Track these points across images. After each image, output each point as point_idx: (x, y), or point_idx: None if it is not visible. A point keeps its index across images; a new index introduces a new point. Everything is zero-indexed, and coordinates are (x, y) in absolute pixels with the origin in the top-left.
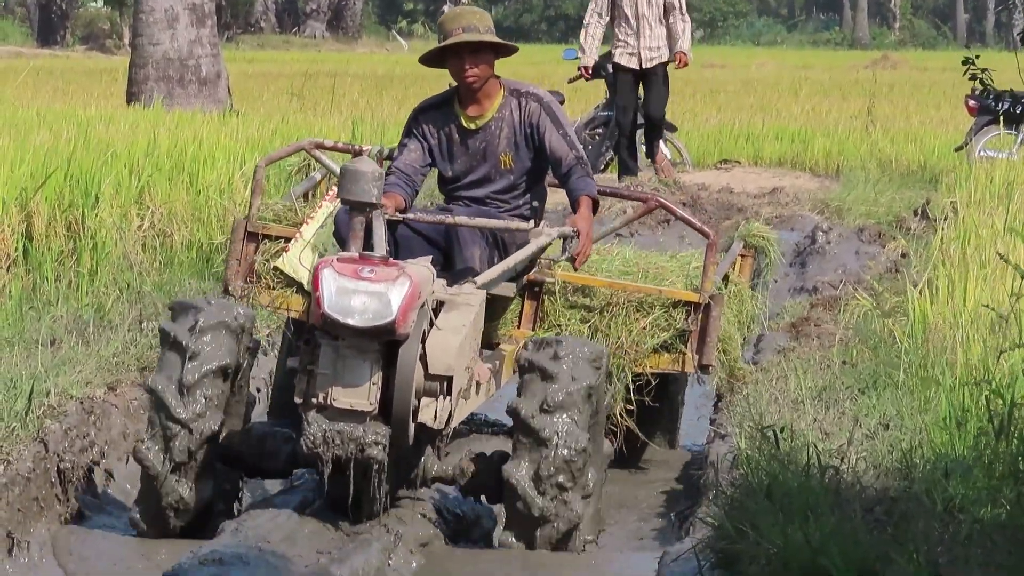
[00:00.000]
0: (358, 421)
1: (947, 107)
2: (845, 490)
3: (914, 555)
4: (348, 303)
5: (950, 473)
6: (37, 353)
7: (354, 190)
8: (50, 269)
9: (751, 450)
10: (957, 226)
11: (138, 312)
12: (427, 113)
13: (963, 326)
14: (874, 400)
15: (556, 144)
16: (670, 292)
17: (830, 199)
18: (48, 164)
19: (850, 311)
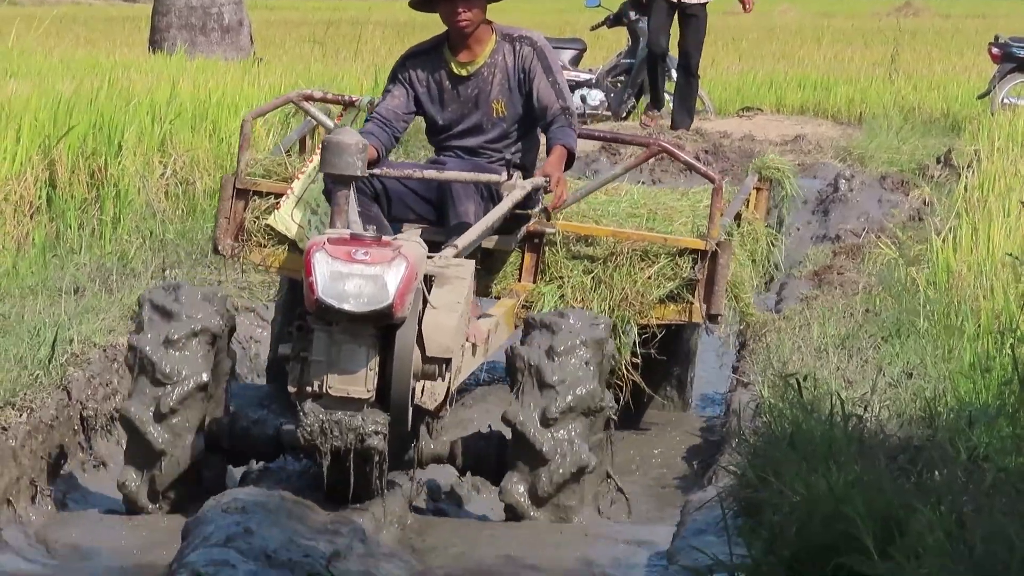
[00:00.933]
0: (356, 409)
1: (970, 54)
2: (868, 439)
3: (938, 504)
4: (343, 288)
5: (974, 422)
6: (60, 301)
7: (337, 163)
8: (73, 217)
9: (774, 398)
10: (980, 174)
11: (161, 260)
12: (416, 59)
13: (987, 274)
14: (897, 348)
15: (544, 91)
16: (675, 240)
17: (852, 147)
18: (71, 112)
19: (873, 259)
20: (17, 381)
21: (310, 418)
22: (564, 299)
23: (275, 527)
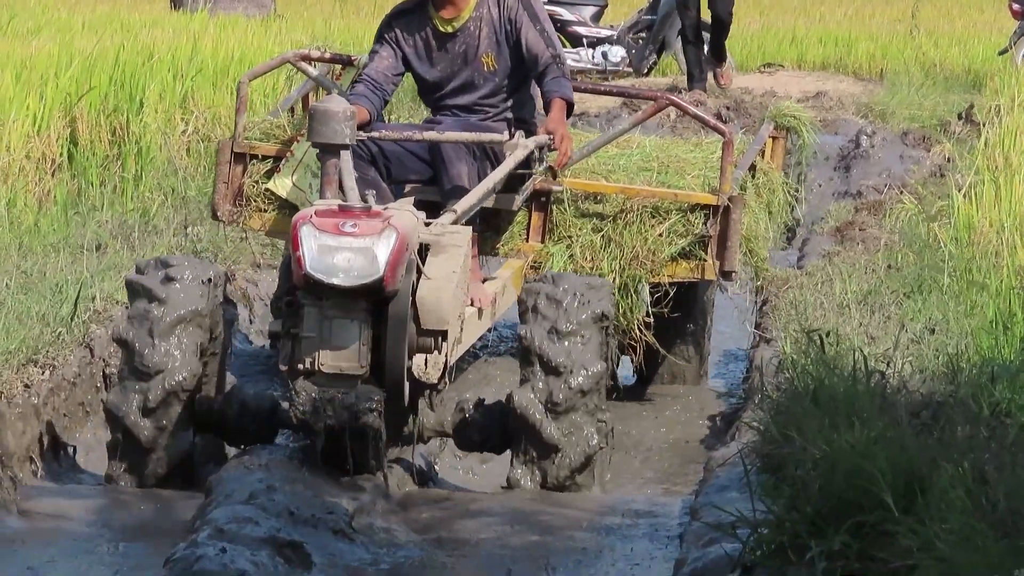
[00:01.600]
0: (349, 386)
1: (991, 10)
2: (891, 395)
3: (960, 461)
4: (331, 261)
5: (996, 378)
6: (83, 258)
7: (324, 132)
8: (95, 174)
9: (796, 355)
10: (1001, 130)
11: (183, 217)
12: (400, 18)
13: (1008, 230)
14: (919, 304)
15: (533, 40)
16: (687, 196)
17: (874, 103)
18: (93, 69)
19: (895, 215)
20: (40, 338)
21: (302, 396)
22: (573, 259)
23: (298, 484)
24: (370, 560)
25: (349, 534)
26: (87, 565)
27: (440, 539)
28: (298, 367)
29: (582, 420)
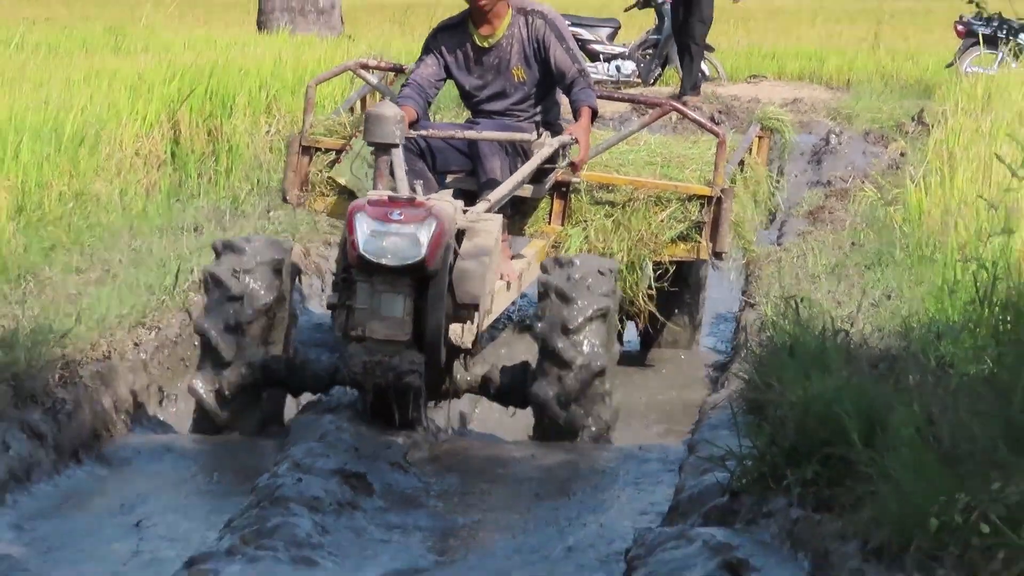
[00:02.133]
0: (395, 351)
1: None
2: (854, 350)
3: (911, 404)
4: (381, 245)
5: (942, 336)
6: (183, 238)
7: (378, 132)
8: (193, 168)
9: (776, 316)
10: (947, 130)
11: (266, 203)
12: (444, 32)
13: (952, 213)
14: (878, 275)
15: (560, 58)
16: (685, 187)
17: (841, 107)
18: (192, 81)
19: (858, 201)
20: (147, 305)
21: (355, 359)
22: (588, 240)
23: (361, 426)
24: (421, 488)
25: (404, 467)
26: (185, 494)
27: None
28: (351, 334)
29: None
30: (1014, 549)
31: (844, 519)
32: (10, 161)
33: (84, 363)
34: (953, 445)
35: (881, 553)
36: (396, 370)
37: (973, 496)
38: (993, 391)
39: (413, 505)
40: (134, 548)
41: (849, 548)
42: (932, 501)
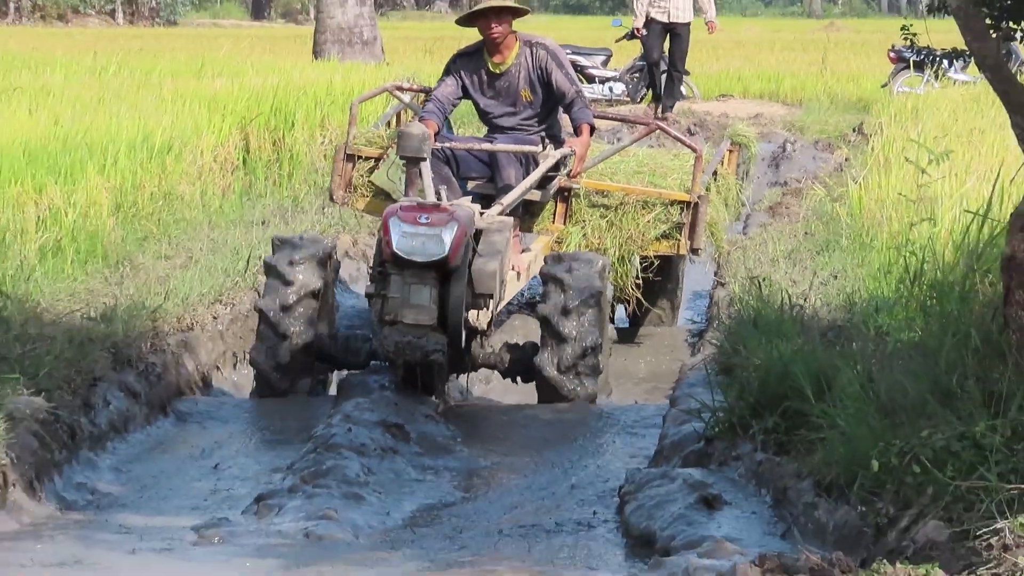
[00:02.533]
0: (422, 333)
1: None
2: (807, 321)
3: (854, 365)
4: (411, 244)
5: (879, 309)
6: (252, 230)
7: (409, 148)
8: (261, 172)
9: (742, 293)
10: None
11: (321, 201)
12: (463, 59)
13: (886, 207)
14: (827, 259)
15: (561, 82)
16: (668, 194)
17: (795, 121)
18: (259, 101)
19: (809, 198)
20: (223, 285)
21: (389, 340)
22: (586, 237)
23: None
24: (450, 436)
25: (436, 419)
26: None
27: (495, 426)
28: (385, 319)
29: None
30: (940, 485)
31: (799, 461)
32: (110, 167)
33: (171, 333)
34: (889, 399)
35: (830, 489)
36: (423, 349)
37: (906, 442)
38: (922, 355)
39: (443, 451)
40: (212, 487)
41: (804, 485)
42: (872, 446)
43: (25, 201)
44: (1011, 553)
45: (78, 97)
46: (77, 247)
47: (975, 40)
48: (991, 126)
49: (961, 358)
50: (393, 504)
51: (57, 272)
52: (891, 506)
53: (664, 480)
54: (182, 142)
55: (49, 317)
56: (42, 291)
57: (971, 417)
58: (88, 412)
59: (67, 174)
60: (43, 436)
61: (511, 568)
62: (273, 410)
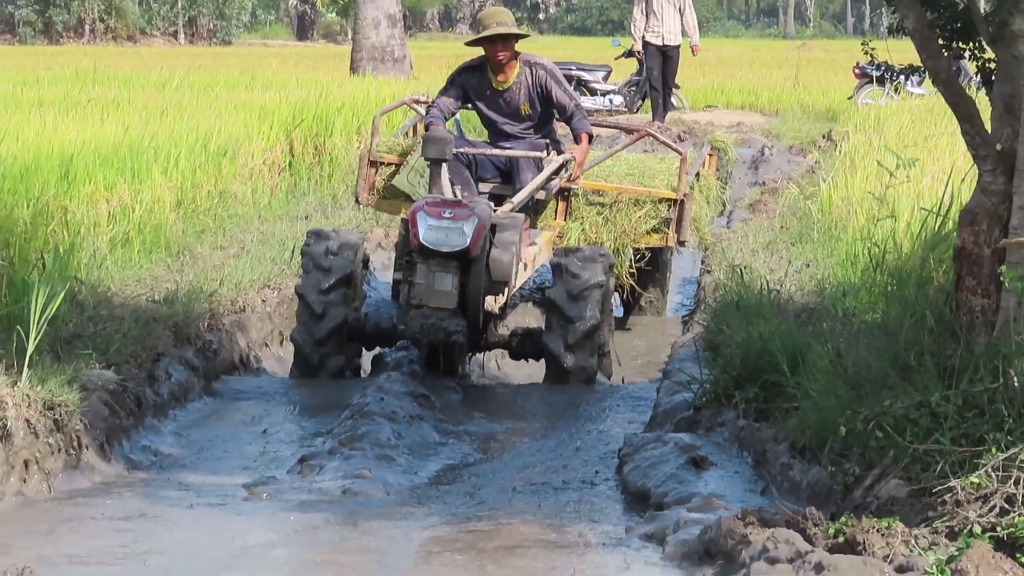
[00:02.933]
0: (444, 316)
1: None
2: (783, 304)
3: (825, 343)
4: (436, 236)
5: (847, 293)
6: (297, 223)
7: (433, 150)
8: (304, 173)
9: (726, 280)
10: (849, 144)
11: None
12: (468, 72)
13: (852, 204)
14: (800, 249)
15: (561, 97)
16: (657, 193)
17: (772, 128)
18: (303, 110)
19: (785, 196)
20: (271, 272)
21: (415, 322)
22: (584, 232)
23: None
24: (470, 403)
25: (457, 391)
26: (298, 411)
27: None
28: (411, 303)
29: (592, 303)
30: (900, 448)
31: (777, 427)
32: (172, 169)
33: (225, 314)
34: (855, 373)
35: (804, 451)
36: (446, 331)
37: (870, 410)
38: (884, 334)
39: (463, 418)
40: (261, 449)
41: (780, 448)
42: (840, 414)
43: (98, 199)
44: (963, 508)
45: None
46: (143, 239)
47: (929, 58)
48: (944, 133)
49: (918, 337)
50: (420, 465)
51: (125, 261)
52: (857, 467)
53: (658, 444)
54: (235, 146)
55: (118, 300)
56: (112, 277)
57: (927, 388)
58: (152, 383)
59: (135, 175)
60: (112, 404)
61: (523, 521)
62: (313, 384)
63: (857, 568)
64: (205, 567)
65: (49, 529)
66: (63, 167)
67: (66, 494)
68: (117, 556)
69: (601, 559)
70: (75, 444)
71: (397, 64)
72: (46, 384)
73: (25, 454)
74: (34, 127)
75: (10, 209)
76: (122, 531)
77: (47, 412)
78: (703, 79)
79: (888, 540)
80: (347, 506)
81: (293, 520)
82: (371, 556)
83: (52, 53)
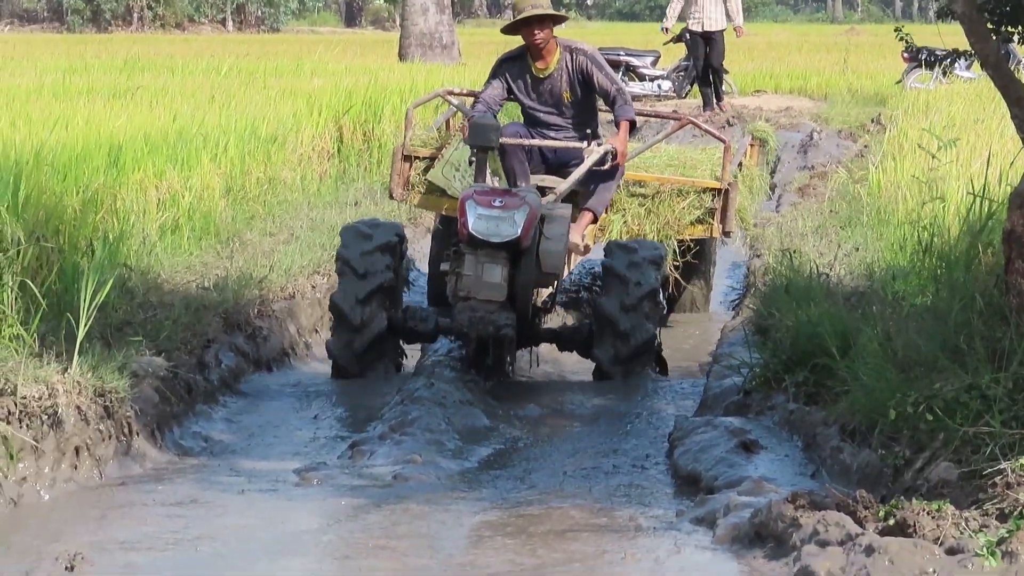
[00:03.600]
0: (494, 309)
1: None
2: (833, 288)
3: (875, 326)
4: (486, 225)
5: (896, 277)
6: (346, 210)
7: (480, 137)
8: (353, 160)
9: (775, 264)
10: (897, 129)
11: None
12: (508, 63)
13: (901, 188)
14: (849, 233)
15: (603, 82)
16: (700, 182)
17: (821, 113)
18: (352, 97)
19: (834, 180)
20: (320, 258)
21: (463, 315)
22: (626, 224)
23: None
24: (520, 388)
25: (507, 376)
26: (348, 396)
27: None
28: (459, 295)
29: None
30: (950, 431)
31: (827, 410)
32: (221, 155)
33: (275, 300)
34: (905, 356)
35: (854, 435)
36: (495, 324)
37: (920, 393)
38: (933, 317)
39: (513, 404)
40: (312, 435)
41: (831, 431)
42: (890, 397)
43: (147, 185)
44: (1013, 490)
45: (193, 95)
46: (193, 226)
47: (978, 42)
48: (993, 117)
49: (968, 320)
50: (470, 449)
51: (175, 247)
52: (907, 450)
53: (708, 427)
54: (284, 133)
55: (168, 287)
56: (162, 264)
57: (977, 371)
58: (203, 370)
59: (184, 162)
60: (163, 391)
61: (574, 505)
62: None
63: (908, 550)
64: (256, 552)
65: (100, 515)
66: (112, 154)
67: (117, 480)
68: (168, 542)
69: (651, 543)
70: (126, 431)
71: (446, 50)
72: (97, 371)
73: (76, 441)
74: (83, 115)
75: (60, 197)
76: (173, 517)
77: (98, 399)
78: (752, 64)
79: (938, 522)
80: (398, 491)
81: (344, 505)
82: (422, 540)
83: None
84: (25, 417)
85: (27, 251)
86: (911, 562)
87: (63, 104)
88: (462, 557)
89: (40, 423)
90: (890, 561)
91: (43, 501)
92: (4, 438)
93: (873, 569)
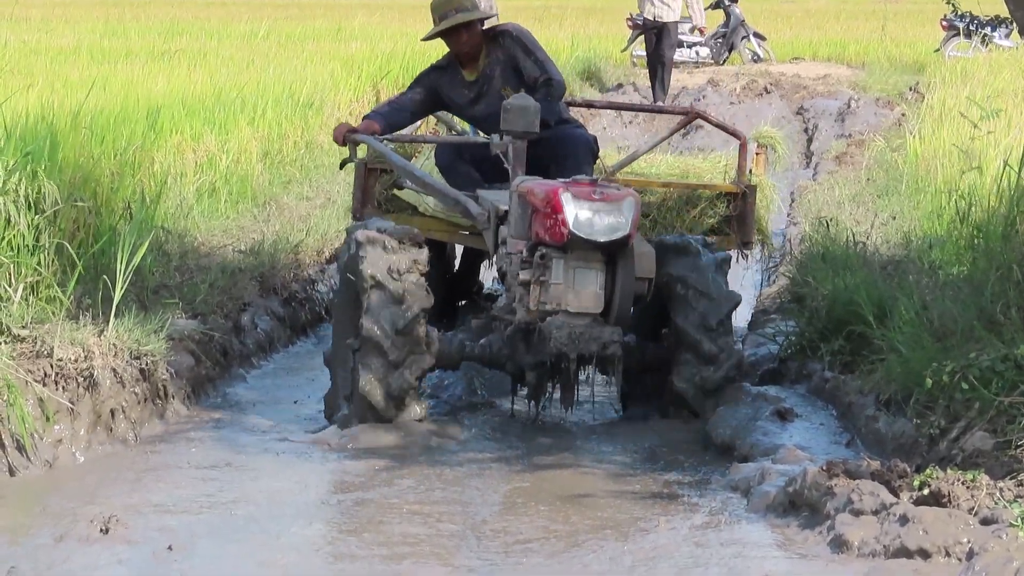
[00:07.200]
0: (587, 323)
1: (929, 25)
2: (869, 256)
3: (911, 295)
4: (592, 221)
5: (933, 246)
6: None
7: (519, 122)
8: None
9: (812, 232)
10: (935, 97)
11: None
12: (437, 73)
13: (939, 157)
14: (886, 202)
15: (528, 68)
16: (714, 186)
17: (858, 81)
18: (390, 61)
19: (871, 148)
20: None
21: (560, 331)
22: None
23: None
24: None
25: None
26: None
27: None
28: (545, 307)
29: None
30: (986, 401)
31: (862, 379)
32: (259, 119)
33: (311, 265)
34: (941, 325)
35: (889, 404)
36: (600, 340)
37: (956, 362)
38: (969, 286)
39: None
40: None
41: (866, 400)
42: (926, 366)
43: (184, 149)
44: None
45: (231, 58)
46: (230, 189)
47: (1017, 9)
48: None
49: (1004, 290)
50: (503, 413)
51: (212, 211)
52: (942, 419)
53: (745, 395)
54: (321, 97)
55: (205, 250)
56: (199, 227)
57: (1013, 341)
58: (238, 333)
59: (221, 125)
60: (199, 354)
61: (608, 472)
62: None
63: (942, 520)
64: (290, 515)
65: (135, 478)
66: (150, 117)
67: (152, 443)
68: (203, 505)
69: (685, 511)
70: (161, 394)
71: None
72: (132, 334)
73: (112, 403)
74: (121, 78)
75: (97, 159)
76: (208, 480)
77: (133, 361)
78: (790, 31)
79: (973, 492)
80: (431, 455)
81: (378, 469)
82: (455, 506)
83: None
84: (61, 379)
85: (64, 213)
86: (945, 532)
87: (101, 66)
88: (496, 522)
89: (76, 385)
90: (924, 531)
91: (78, 463)
92: (40, 400)
93: (907, 539)
